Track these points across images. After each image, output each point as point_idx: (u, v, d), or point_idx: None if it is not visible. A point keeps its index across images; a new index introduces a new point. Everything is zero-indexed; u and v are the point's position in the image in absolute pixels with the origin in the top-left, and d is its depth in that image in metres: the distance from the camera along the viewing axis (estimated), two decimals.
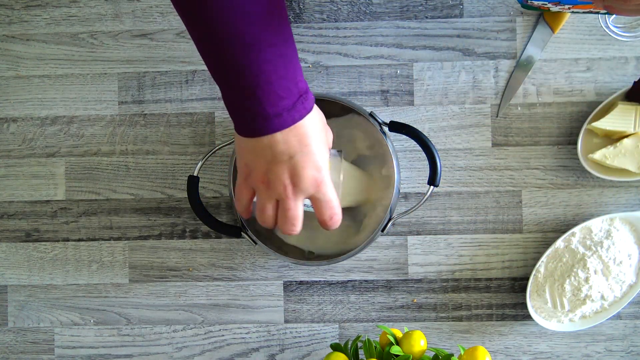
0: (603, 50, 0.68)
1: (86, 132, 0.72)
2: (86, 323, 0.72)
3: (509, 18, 0.69)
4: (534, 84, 0.69)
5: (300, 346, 0.71)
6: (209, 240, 0.71)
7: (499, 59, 0.69)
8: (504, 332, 0.70)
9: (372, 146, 0.64)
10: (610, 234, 0.66)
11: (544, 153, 0.69)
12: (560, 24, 0.67)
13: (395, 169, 0.63)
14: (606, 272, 0.65)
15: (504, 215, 0.69)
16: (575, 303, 0.66)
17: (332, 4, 0.70)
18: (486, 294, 0.69)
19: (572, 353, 0.69)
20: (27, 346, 0.72)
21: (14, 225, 0.73)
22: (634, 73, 0.68)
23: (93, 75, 0.72)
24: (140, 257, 0.72)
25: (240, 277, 0.71)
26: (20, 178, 0.72)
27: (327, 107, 0.65)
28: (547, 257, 0.67)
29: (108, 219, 0.72)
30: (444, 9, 0.69)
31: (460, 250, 0.69)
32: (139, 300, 0.72)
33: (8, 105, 0.72)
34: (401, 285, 0.70)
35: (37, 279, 0.72)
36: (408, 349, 0.57)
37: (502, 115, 0.69)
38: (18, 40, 0.72)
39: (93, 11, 0.71)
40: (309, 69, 0.70)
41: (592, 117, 0.66)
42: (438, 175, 0.61)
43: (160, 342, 0.71)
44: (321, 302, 0.70)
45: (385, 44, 0.70)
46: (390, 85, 0.70)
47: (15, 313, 0.73)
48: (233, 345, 0.71)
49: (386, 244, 0.70)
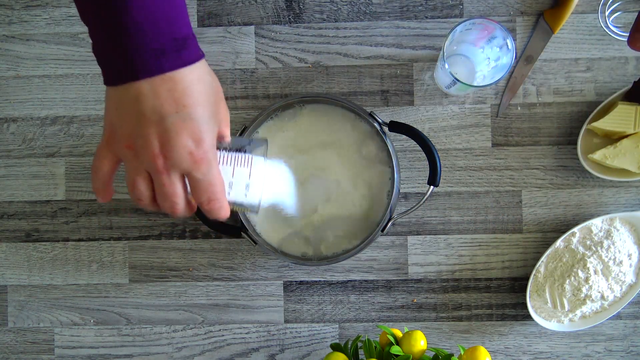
0: (603, 50, 0.68)
1: (86, 132, 0.72)
2: (86, 323, 0.72)
3: (509, 18, 0.69)
4: (534, 84, 0.69)
5: (300, 346, 0.71)
6: (209, 240, 0.71)
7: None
8: (504, 332, 0.70)
9: (372, 146, 0.64)
10: (610, 234, 0.66)
11: (544, 153, 0.69)
12: (560, 24, 0.67)
13: (395, 169, 0.63)
14: (606, 272, 0.65)
15: (504, 215, 0.69)
16: (575, 303, 0.66)
17: (332, 4, 0.70)
18: (486, 294, 0.69)
19: (572, 353, 0.69)
20: (27, 346, 0.72)
21: (14, 225, 0.73)
22: (634, 73, 0.68)
23: (93, 75, 0.72)
24: (140, 257, 0.72)
25: (240, 277, 0.71)
26: (20, 178, 0.72)
27: (327, 107, 0.65)
28: (547, 257, 0.67)
29: (108, 219, 0.72)
30: (444, 9, 0.69)
31: (460, 250, 0.69)
32: (139, 300, 0.72)
33: (8, 105, 0.72)
34: (401, 285, 0.70)
35: (37, 279, 0.72)
36: (408, 349, 0.57)
37: (502, 115, 0.69)
38: (18, 40, 0.72)
39: None
40: (309, 69, 0.70)
41: (592, 117, 0.66)
42: (438, 175, 0.61)
43: (160, 342, 0.71)
44: (321, 302, 0.70)
45: (385, 44, 0.70)
46: (390, 85, 0.70)
47: (15, 313, 0.73)
48: (233, 345, 0.71)
49: (386, 244, 0.70)
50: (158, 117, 0.40)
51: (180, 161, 0.41)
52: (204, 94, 0.42)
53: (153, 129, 0.40)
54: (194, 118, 0.41)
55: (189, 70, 0.41)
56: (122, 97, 0.41)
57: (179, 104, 0.40)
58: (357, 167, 0.65)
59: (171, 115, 0.40)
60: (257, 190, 0.48)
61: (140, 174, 0.42)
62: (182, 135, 0.41)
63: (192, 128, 0.41)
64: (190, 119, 0.41)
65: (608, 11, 0.67)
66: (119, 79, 0.40)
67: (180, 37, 0.40)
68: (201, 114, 0.41)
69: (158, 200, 0.43)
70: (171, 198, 0.43)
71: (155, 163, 0.41)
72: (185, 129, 0.41)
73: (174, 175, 0.42)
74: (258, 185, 0.48)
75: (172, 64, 0.40)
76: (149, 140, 0.41)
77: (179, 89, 0.40)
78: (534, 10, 0.69)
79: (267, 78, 0.70)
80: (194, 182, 0.43)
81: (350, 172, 0.64)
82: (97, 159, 0.44)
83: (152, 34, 0.39)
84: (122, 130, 0.41)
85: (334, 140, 0.65)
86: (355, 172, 0.64)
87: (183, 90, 0.40)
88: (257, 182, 0.47)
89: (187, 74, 0.41)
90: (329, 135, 0.65)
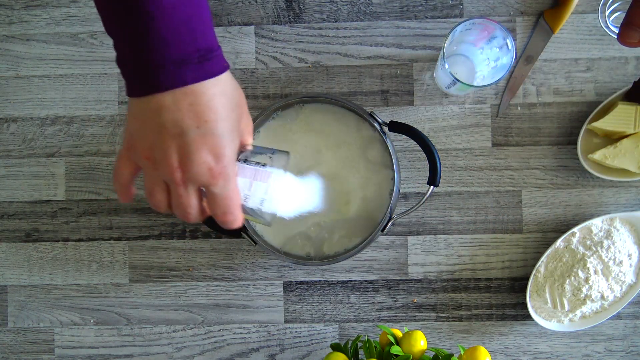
0: (603, 50, 0.68)
1: (86, 132, 0.72)
2: (86, 323, 0.72)
3: (509, 18, 0.69)
4: (534, 84, 0.69)
5: (300, 346, 0.70)
6: (209, 240, 0.71)
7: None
8: (504, 332, 0.70)
9: (372, 146, 0.64)
10: (610, 234, 0.66)
11: (544, 153, 0.69)
12: (560, 24, 0.67)
13: (395, 169, 0.63)
14: (606, 272, 0.65)
15: (504, 215, 0.69)
16: (575, 303, 0.66)
17: (332, 4, 0.70)
18: (486, 294, 0.69)
19: (572, 353, 0.69)
20: (27, 346, 0.72)
21: (14, 225, 0.73)
22: (634, 73, 0.68)
23: (93, 75, 0.72)
24: (140, 257, 0.72)
25: (240, 277, 0.71)
26: (20, 178, 0.72)
27: (327, 108, 0.65)
28: (547, 257, 0.67)
29: (108, 219, 0.72)
30: (444, 9, 0.69)
31: (460, 250, 0.69)
32: (139, 300, 0.72)
33: (8, 105, 0.72)
34: (401, 285, 0.70)
35: (37, 279, 0.72)
36: (408, 349, 0.57)
37: (502, 115, 0.69)
38: (18, 40, 0.72)
39: (93, 11, 0.71)
40: (309, 69, 0.70)
41: (592, 117, 0.66)
42: (438, 175, 0.61)
43: (160, 342, 0.71)
44: (321, 302, 0.70)
45: (385, 44, 0.70)
46: (390, 85, 0.70)
47: (15, 313, 0.73)
48: (233, 345, 0.71)
49: (386, 244, 0.70)
50: (179, 131, 0.40)
51: (199, 176, 0.41)
52: (227, 108, 0.41)
53: (173, 142, 0.40)
54: (215, 133, 0.40)
55: (212, 83, 0.40)
56: (144, 108, 0.40)
57: (201, 119, 0.40)
58: (356, 167, 0.65)
59: (192, 129, 0.39)
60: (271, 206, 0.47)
61: (159, 184, 0.43)
62: (202, 151, 0.40)
63: (212, 143, 0.40)
64: (212, 134, 0.40)
65: (608, 11, 0.67)
66: (141, 91, 0.40)
67: (204, 48, 0.40)
68: (222, 128, 0.41)
69: (172, 207, 0.44)
70: (186, 209, 0.43)
71: (174, 176, 0.41)
72: (205, 144, 0.40)
73: (190, 188, 0.42)
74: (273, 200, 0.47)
75: (194, 75, 0.39)
76: (169, 154, 0.40)
77: (201, 102, 0.39)
78: (534, 10, 0.69)
79: (267, 78, 0.70)
80: (211, 196, 0.43)
81: (350, 172, 0.64)
82: (118, 165, 0.44)
83: (175, 45, 0.38)
84: (142, 141, 0.41)
85: (334, 140, 0.65)
86: (355, 172, 0.64)
87: (205, 104, 0.40)
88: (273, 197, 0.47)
89: (209, 87, 0.40)
90: (329, 135, 0.65)
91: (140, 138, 0.41)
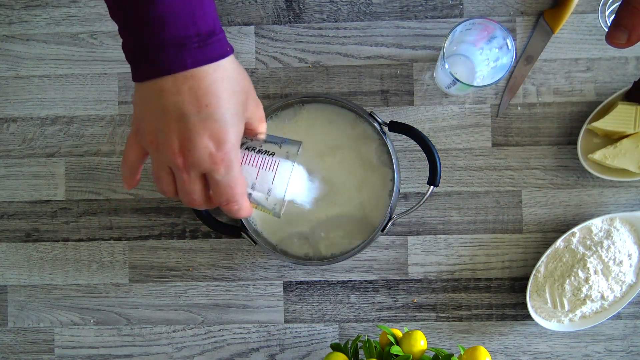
0: (603, 50, 0.68)
1: (86, 132, 0.72)
2: (86, 323, 0.72)
3: (509, 18, 0.69)
4: (534, 84, 0.69)
5: (300, 346, 0.70)
6: (209, 240, 0.71)
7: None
8: (504, 332, 0.70)
9: (372, 146, 0.64)
10: (610, 234, 0.66)
11: (544, 153, 0.69)
12: (560, 24, 0.67)
13: (395, 169, 0.63)
14: (606, 272, 0.65)
15: (504, 215, 0.69)
16: (575, 303, 0.66)
17: (332, 4, 0.70)
18: (486, 294, 0.69)
19: (572, 353, 0.69)
20: (27, 346, 0.72)
21: (14, 225, 0.73)
22: (634, 73, 0.68)
23: (93, 75, 0.72)
24: (140, 257, 0.72)
25: (240, 277, 0.71)
26: (20, 178, 0.72)
27: (327, 107, 0.65)
28: (547, 257, 0.67)
29: (108, 219, 0.72)
30: (444, 9, 0.69)
31: (460, 250, 0.69)
32: (139, 300, 0.72)
33: (8, 105, 0.72)
34: (401, 285, 0.70)
35: (37, 279, 0.72)
36: (408, 349, 0.57)
37: (502, 115, 0.69)
38: (18, 40, 0.72)
39: (93, 11, 0.71)
40: (309, 69, 0.70)
41: (592, 117, 0.66)
42: (438, 175, 0.61)
43: (160, 342, 0.71)
44: (321, 302, 0.70)
45: (385, 44, 0.70)
46: (390, 85, 0.70)
47: (15, 313, 0.73)
48: (233, 345, 0.71)
49: (386, 244, 0.70)
50: (180, 114, 0.40)
51: (200, 162, 0.41)
52: (229, 93, 0.41)
53: (174, 125, 0.40)
54: (216, 118, 0.40)
55: (213, 68, 0.40)
56: (147, 92, 0.40)
57: (201, 104, 0.39)
58: (356, 167, 0.65)
59: (192, 114, 0.39)
60: (279, 195, 0.46)
61: (164, 169, 0.43)
62: (203, 136, 0.40)
63: (213, 129, 0.40)
64: (212, 120, 0.40)
65: (608, 11, 0.67)
66: (144, 75, 0.40)
67: (205, 33, 0.39)
68: (224, 113, 0.40)
69: (179, 193, 0.44)
70: (190, 195, 0.43)
71: (176, 161, 0.41)
72: (206, 130, 0.40)
73: (193, 174, 0.42)
74: (280, 190, 0.46)
75: (194, 59, 0.39)
76: (170, 138, 0.40)
77: (201, 87, 0.39)
78: (534, 10, 0.69)
79: (267, 78, 0.70)
80: (213, 183, 0.43)
81: (350, 172, 0.64)
82: (126, 148, 0.45)
83: (175, 29, 0.38)
84: (146, 125, 0.41)
85: (334, 140, 0.65)
86: (355, 172, 0.64)
87: (206, 89, 0.39)
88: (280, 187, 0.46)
89: (211, 72, 0.40)
90: (329, 135, 0.65)
91: (145, 122, 0.42)
